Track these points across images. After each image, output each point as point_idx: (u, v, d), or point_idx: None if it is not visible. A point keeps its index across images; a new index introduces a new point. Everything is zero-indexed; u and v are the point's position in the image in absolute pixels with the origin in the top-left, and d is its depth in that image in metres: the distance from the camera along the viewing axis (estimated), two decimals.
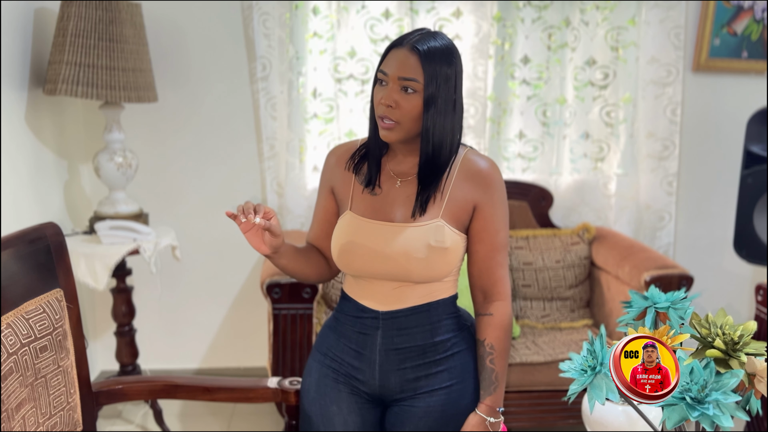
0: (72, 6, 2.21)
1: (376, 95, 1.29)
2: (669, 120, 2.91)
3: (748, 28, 2.89)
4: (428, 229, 1.30)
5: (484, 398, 1.34)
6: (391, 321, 1.35)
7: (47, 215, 2.41)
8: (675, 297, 1.01)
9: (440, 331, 1.36)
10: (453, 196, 1.32)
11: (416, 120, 1.27)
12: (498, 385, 1.34)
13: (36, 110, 2.39)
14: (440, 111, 1.27)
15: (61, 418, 1.39)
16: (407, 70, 1.25)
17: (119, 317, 2.55)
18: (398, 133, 1.28)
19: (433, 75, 1.24)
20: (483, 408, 1.34)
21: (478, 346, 1.37)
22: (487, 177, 1.33)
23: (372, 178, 1.35)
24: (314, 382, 1.42)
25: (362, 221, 1.34)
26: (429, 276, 1.32)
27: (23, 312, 1.32)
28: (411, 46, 1.26)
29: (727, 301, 3.10)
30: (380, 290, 1.35)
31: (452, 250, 1.31)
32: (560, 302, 2.74)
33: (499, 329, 1.35)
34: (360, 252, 1.33)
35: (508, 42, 2.80)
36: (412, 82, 1.25)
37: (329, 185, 1.43)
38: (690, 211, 3.08)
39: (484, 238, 1.34)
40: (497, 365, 1.34)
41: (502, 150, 2.91)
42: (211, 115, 2.82)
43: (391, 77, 1.26)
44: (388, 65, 1.27)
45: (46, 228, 1.42)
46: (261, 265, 2.80)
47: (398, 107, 1.26)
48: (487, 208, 1.33)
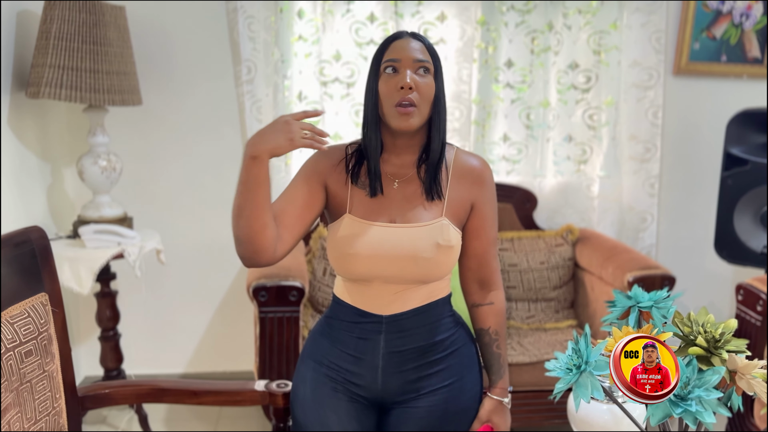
0: (55, 8, 2.20)
1: (388, 83, 1.27)
2: (651, 123, 2.95)
3: (726, 33, 2.94)
4: (434, 229, 1.30)
5: (495, 383, 1.40)
6: (394, 324, 1.33)
7: (31, 219, 2.39)
8: (658, 296, 1.03)
9: (440, 330, 1.36)
10: (452, 195, 1.34)
11: (429, 104, 1.29)
12: (505, 368, 1.41)
13: (19, 113, 2.37)
14: (442, 102, 1.32)
15: (47, 423, 1.38)
16: (420, 53, 1.28)
17: (103, 322, 2.53)
18: (418, 117, 1.27)
19: (436, 64, 1.30)
20: (497, 391, 1.40)
21: (482, 335, 1.42)
22: (481, 175, 1.36)
23: (376, 186, 1.32)
24: (310, 390, 1.38)
25: (364, 224, 1.30)
26: (435, 275, 1.32)
27: (8, 316, 1.31)
28: (412, 35, 1.31)
29: (709, 300, 3.14)
30: (382, 294, 1.32)
31: (456, 248, 1.34)
32: (545, 303, 2.76)
33: (500, 316, 1.42)
34: (364, 256, 1.29)
35: (492, 46, 2.82)
36: (427, 63, 1.28)
37: (323, 177, 1.35)
38: (672, 213, 3.12)
39: (481, 234, 1.37)
40: (502, 350, 1.41)
41: (486, 152, 2.92)
42: (196, 119, 2.81)
43: (404, 62, 1.27)
44: (398, 52, 1.28)
45: (31, 232, 1.41)
46: (246, 268, 2.79)
47: (418, 88, 1.26)
48: (483, 205, 1.37)
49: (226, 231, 2.90)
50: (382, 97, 1.28)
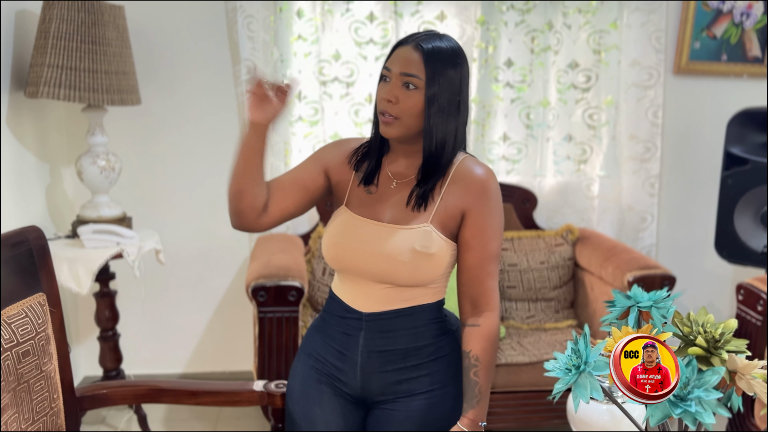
0: (54, 8, 2.19)
1: (379, 92, 1.31)
2: (651, 122, 2.95)
3: (727, 32, 2.94)
4: (415, 234, 1.30)
5: (466, 411, 1.30)
6: (374, 323, 1.34)
7: (29, 219, 2.39)
8: (657, 296, 1.02)
9: (423, 336, 1.35)
10: (444, 202, 1.32)
11: (417, 117, 1.28)
12: (481, 399, 1.30)
13: (17, 113, 2.36)
14: (443, 111, 1.27)
15: (44, 423, 1.38)
16: (409, 67, 1.27)
17: (103, 322, 2.53)
18: (397, 128, 1.29)
19: (435, 74, 1.26)
20: (465, 422, 1.30)
21: (463, 357, 1.33)
22: (481, 184, 1.31)
23: (370, 175, 1.36)
24: (298, 382, 1.42)
25: (355, 219, 1.35)
26: (414, 280, 1.31)
27: (5, 316, 1.30)
28: (416, 44, 1.28)
29: (709, 300, 3.14)
30: (366, 291, 1.35)
31: (438, 256, 1.30)
32: (545, 303, 2.75)
33: (486, 341, 1.31)
34: (350, 249, 1.33)
35: (492, 45, 2.82)
36: (414, 79, 1.26)
37: (325, 165, 1.40)
38: (672, 213, 3.11)
39: (474, 246, 1.31)
40: (481, 378, 1.30)
41: (486, 152, 2.92)
42: (195, 118, 2.81)
43: (393, 73, 1.28)
44: (393, 62, 1.29)
45: (28, 232, 1.41)
46: (246, 268, 2.79)
47: (398, 103, 1.27)
48: (479, 216, 1.30)
49: (226, 231, 2.89)
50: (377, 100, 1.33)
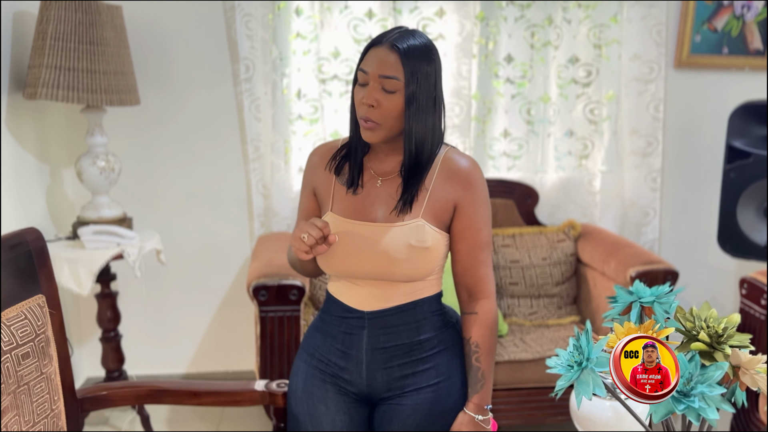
0: (51, 8, 2.19)
1: (357, 95, 1.29)
2: (652, 116, 2.93)
3: (728, 25, 2.92)
4: (409, 229, 1.30)
5: (471, 396, 1.35)
6: (376, 320, 1.34)
7: (30, 221, 2.38)
8: (660, 291, 1.01)
9: (425, 329, 1.36)
10: (434, 196, 1.32)
11: (398, 119, 1.27)
12: (485, 383, 1.35)
13: (16, 115, 2.36)
14: (422, 108, 1.26)
15: (45, 425, 1.37)
16: (388, 68, 1.24)
17: (104, 323, 2.52)
18: (380, 133, 1.28)
19: (413, 72, 1.24)
20: (471, 406, 1.34)
21: (464, 344, 1.37)
22: (468, 176, 1.32)
23: (354, 179, 1.35)
24: (301, 382, 1.42)
25: (343, 222, 1.33)
26: (412, 275, 1.32)
27: (4, 319, 1.30)
28: (390, 44, 1.25)
29: (712, 295, 3.13)
30: (364, 290, 1.34)
31: (433, 249, 1.31)
32: (547, 299, 2.75)
33: (484, 327, 1.35)
34: (342, 253, 1.32)
35: (492, 41, 2.80)
36: (393, 80, 1.24)
37: (311, 186, 1.42)
38: (674, 207, 3.10)
39: (466, 236, 1.33)
40: (483, 363, 1.34)
41: (487, 149, 2.91)
42: (195, 118, 2.80)
43: (371, 76, 1.26)
44: (368, 64, 1.27)
45: (26, 233, 1.40)
46: (247, 267, 2.78)
47: (379, 106, 1.25)
48: (468, 207, 1.32)
49: (226, 230, 2.91)
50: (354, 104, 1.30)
